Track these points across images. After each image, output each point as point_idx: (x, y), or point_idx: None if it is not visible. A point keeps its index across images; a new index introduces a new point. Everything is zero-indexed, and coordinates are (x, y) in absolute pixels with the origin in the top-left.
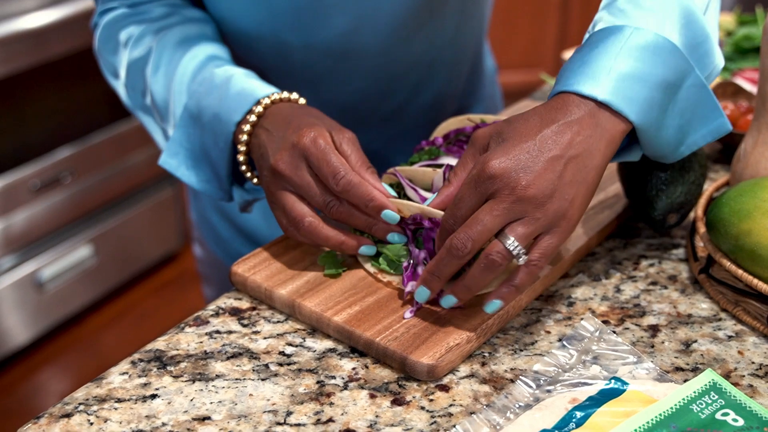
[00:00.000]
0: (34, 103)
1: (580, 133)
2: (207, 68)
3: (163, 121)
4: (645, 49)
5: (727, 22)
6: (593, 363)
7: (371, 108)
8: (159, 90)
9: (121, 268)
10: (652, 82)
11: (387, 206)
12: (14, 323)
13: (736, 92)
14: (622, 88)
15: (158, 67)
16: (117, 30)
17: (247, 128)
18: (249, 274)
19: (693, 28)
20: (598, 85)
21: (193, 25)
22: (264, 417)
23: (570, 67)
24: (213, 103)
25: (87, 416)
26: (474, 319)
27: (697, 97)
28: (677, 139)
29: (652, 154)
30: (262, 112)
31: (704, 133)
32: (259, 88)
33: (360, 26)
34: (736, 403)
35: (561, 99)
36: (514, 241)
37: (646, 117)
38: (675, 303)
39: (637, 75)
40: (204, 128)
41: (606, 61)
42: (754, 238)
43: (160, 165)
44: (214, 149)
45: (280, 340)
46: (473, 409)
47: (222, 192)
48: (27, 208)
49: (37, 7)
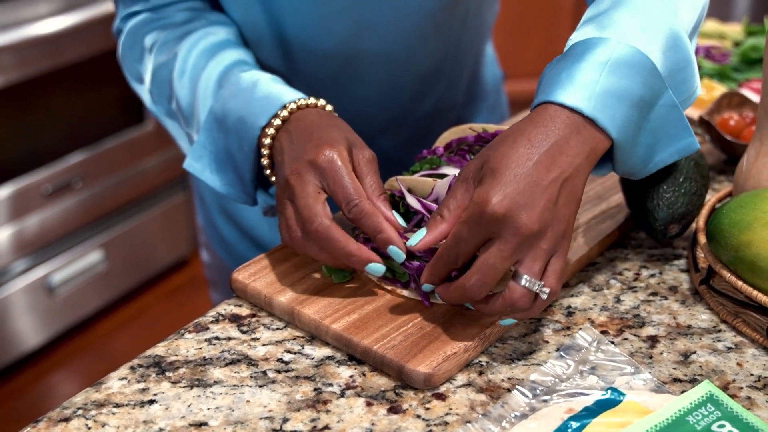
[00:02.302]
0: (47, 109)
1: (569, 153)
2: (233, 72)
3: (188, 126)
4: (629, 66)
5: (735, 32)
6: (590, 373)
7: (372, 116)
8: (184, 94)
9: (132, 273)
10: (631, 100)
11: (394, 242)
12: (25, 327)
13: (742, 103)
14: (607, 105)
15: (184, 72)
16: (141, 36)
17: (271, 132)
18: (249, 281)
19: (678, 52)
20: (584, 99)
21: (217, 29)
22: (260, 423)
23: (555, 77)
24: (238, 107)
25: (85, 420)
26: (472, 328)
27: (669, 116)
28: (646, 157)
29: (621, 171)
30: (287, 116)
31: (672, 152)
32: (285, 92)
33: (362, 33)
34: (733, 415)
35: (546, 112)
36: (531, 280)
37: (624, 135)
38: (675, 314)
39: (620, 92)
40: (228, 131)
41: (592, 75)
42: (754, 249)
43: (185, 168)
44: (238, 153)
45: (278, 347)
46: (469, 418)
47: (246, 196)
48: (39, 213)
49: (50, 13)
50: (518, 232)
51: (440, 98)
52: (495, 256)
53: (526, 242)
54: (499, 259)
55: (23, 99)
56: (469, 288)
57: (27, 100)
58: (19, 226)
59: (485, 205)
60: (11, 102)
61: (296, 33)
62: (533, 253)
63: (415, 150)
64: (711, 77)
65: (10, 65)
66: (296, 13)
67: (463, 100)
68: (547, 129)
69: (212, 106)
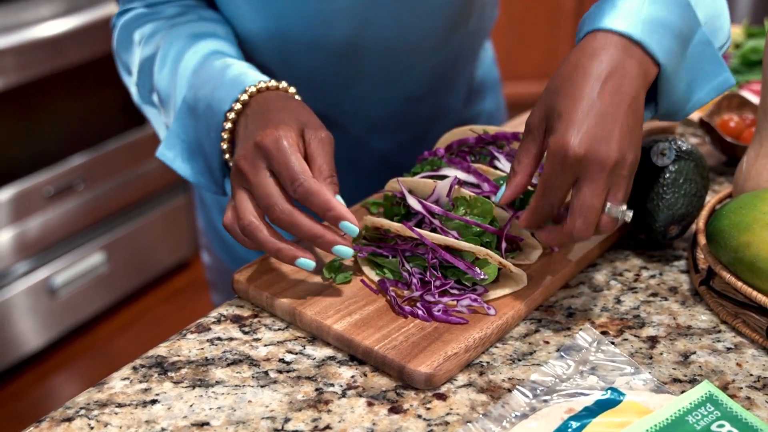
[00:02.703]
0: (49, 111)
1: (627, 76)
2: (208, 61)
3: (166, 116)
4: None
5: (736, 34)
6: (590, 373)
7: (372, 114)
8: (164, 85)
9: (134, 275)
10: (672, 30)
11: (346, 217)
12: (27, 329)
13: (742, 104)
14: (653, 31)
15: (165, 62)
16: (132, 30)
17: (232, 116)
18: (251, 282)
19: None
20: (632, 24)
21: (204, 23)
22: (262, 423)
23: (598, 8)
24: (207, 94)
25: (88, 420)
26: (473, 328)
27: (704, 54)
28: (686, 95)
29: (664, 110)
30: (246, 100)
31: (709, 90)
32: (250, 76)
33: (364, 29)
34: (732, 414)
35: (596, 39)
36: (616, 209)
37: (670, 62)
38: (675, 314)
39: (662, 21)
40: (199, 119)
41: (635, 3)
42: (754, 250)
43: (157, 156)
44: (206, 140)
45: (280, 347)
46: (470, 418)
47: (215, 185)
48: (40, 215)
49: (52, 16)
50: (604, 166)
51: (439, 99)
52: (589, 195)
53: (612, 173)
54: (594, 197)
55: (25, 101)
56: (576, 232)
57: (29, 102)
58: (21, 228)
59: (566, 149)
60: (13, 104)
61: (299, 29)
62: (618, 183)
63: (414, 152)
64: None
65: (11, 68)
66: (299, 9)
67: (463, 101)
68: (600, 57)
69: (185, 94)
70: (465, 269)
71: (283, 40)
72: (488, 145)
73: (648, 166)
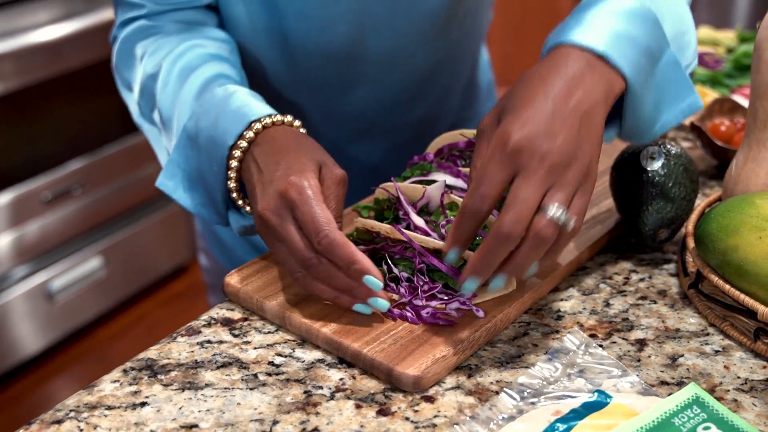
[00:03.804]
0: (47, 116)
1: (584, 88)
2: (210, 87)
3: (168, 139)
4: (635, 15)
5: (729, 39)
6: (578, 376)
7: (370, 118)
8: (166, 107)
9: (131, 279)
10: (640, 46)
11: (370, 271)
12: (25, 333)
13: (733, 109)
14: (619, 45)
15: (167, 83)
16: (134, 44)
17: (238, 154)
18: (241, 285)
19: (680, 18)
20: (596, 37)
21: (208, 42)
22: (250, 426)
23: (565, 23)
24: (208, 125)
25: (77, 423)
26: (461, 331)
27: (672, 74)
28: (653, 116)
29: (629, 130)
30: (253, 138)
31: (676, 112)
32: (253, 108)
33: (364, 35)
34: (719, 417)
35: (558, 53)
36: (557, 210)
37: (636, 77)
38: (663, 317)
39: (630, 37)
40: (200, 150)
41: (601, 20)
42: (741, 253)
43: (157, 186)
44: (209, 173)
45: (269, 350)
46: (457, 420)
47: (218, 217)
48: (38, 220)
49: (50, 21)
50: (543, 160)
51: (437, 102)
52: (524, 187)
53: (552, 171)
54: (530, 190)
55: (23, 106)
56: (505, 226)
57: (27, 107)
58: (19, 233)
59: (507, 138)
60: (11, 109)
61: (299, 34)
62: (559, 182)
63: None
64: (703, 83)
65: (9, 73)
66: (300, 15)
67: (459, 105)
68: (559, 68)
69: (186, 123)
70: (451, 275)
71: (284, 45)
72: None
73: (637, 169)
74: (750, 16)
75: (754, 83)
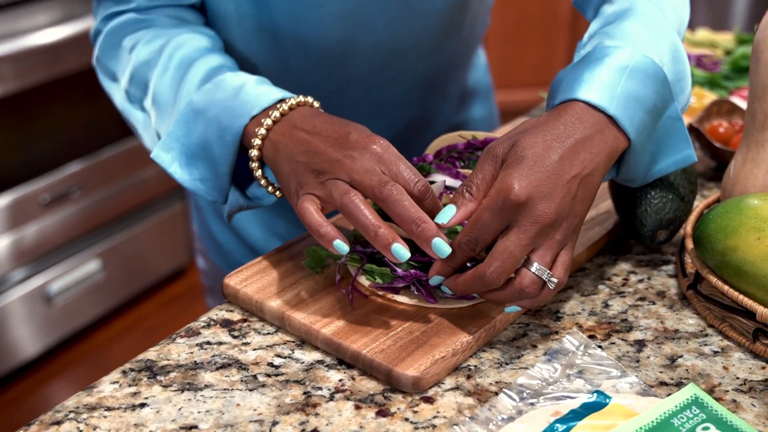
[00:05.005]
0: (45, 118)
1: (591, 151)
2: (221, 71)
3: (161, 121)
4: (645, 74)
5: (727, 41)
6: (577, 377)
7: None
8: (164, 90)
9: (130, 282)
10: (646, 106)
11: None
12: (23, 336)
13: (731, 110)
14: (627, 107)
15: (167, 69)
16: (122, 36)
17: (267, 123)
18: (240, 286)
19: (678, 63)
20: (607, 98)
21: (202, 36)
22: (250, 427)
23: (577, 77)
24: (225, 98)
25: (77, 424)
26: (461, 332)
27: (673, 128)
28: (648, 165)
29: (624, 177)
30: (286, 110)
31: (670, 163)
32: (276, 91)
33: (358, 34)
34: (718, 417)
35: (573, 109)
36: (542, 269)
37: (639, 138)
38: (662, 318)
39: (638, 97)
40: (209, 122)
41: (612, 78)
42: (740, 254)
43: (153, 158)
44: (217, 144)
45: (269, 351)
46: (457, 421)
47: (218, 192)
48: (36, 222)
49: (48, 24)
50: (537, 221)
51: (431, 104)
52: (514, 243)
53: (542, 231)
54: (518, 247)
55: (21, 109)
56: (488, 275)
57: (25, 110)
58: (17, 236)
59: (509, 191)
60: (9, 112)
61: (292, 32)
62: (547, 243)
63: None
64: (702, 85)
65: (8, 75)
66: (292, 13)
67: (454, 107)
68: (574, 125)
69: (192, 98)
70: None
71: (276, 41)
72: (477, 151)
73: None
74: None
75: (752, 85)
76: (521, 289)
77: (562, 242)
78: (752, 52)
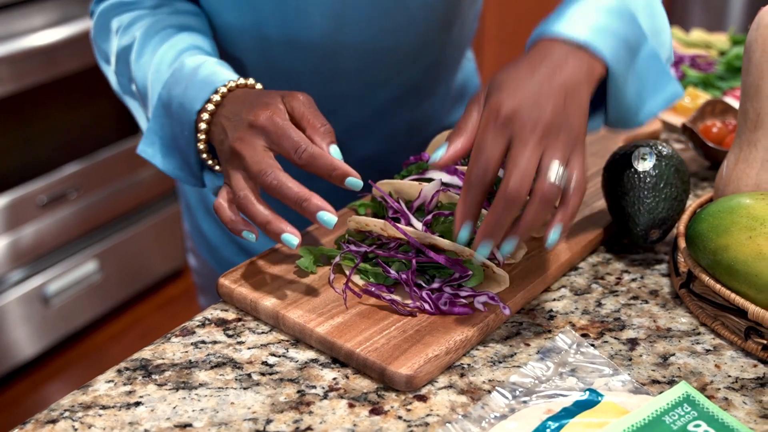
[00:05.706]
0: (42, 120)
1: (568, 70)
2: (182, 57)
3: (146, 109)
4: (613, 11)
5: (721, 42)
6: (570, 375)
7: (352, 115)
8: (140, 76)
9: (127, 283)
10: (620, 38)
11: (351, 173)
12: (20, 337)
13: (725, 110)
14: (599, 36)
15: (141, 55)
16: (110, 18)
17: (206, 117)
18: (235, 285)
19: (654, 18)
20: (577, 28)
21: (181, 16)
22: (244, 425)
23: (547, 19)
24: (179, 93)
25: (72, 422)
26: (454, 331)
27: (652, 66)
28: (636, 104)
29: (615, 118)
30: (219, 100)
31: (659, 101)
32: (220, 75)
33: (342, 27)
34: (709, 415)
35: (542, 44)
36: (557, 170)
37: (617, 64)
38: (655, 317)
39: (609, 29)
40: (173, 117)
41: (582, 14)
42: (732, 253)
43: (138, 153)
44: (181, 138)
45: (263, 350)
46: (450, 419)
47: (194, 179)
48: (34, 224)
49: (45, 25)
50: (536, 125)
51: (419, 105)
52: (520, 152)
53: (545, 136)
54: (526, 153)
55: (18, 110)
56: (509, 192)
57: (22, 111)
58: (14, 237)
59: (499, 108)
60: (7, 113)
61: (275, 24)
62: (553, 145)
63: (397, 156)
64: (696, 85)
65: (5, 77)
66: (277, 7)
67: (444, 108)
68: (544, 55)
69: (160, 92)
70: (450, 265)
71: (261, 36)
72: None
73: (629, 170)
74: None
75: (744, 85)
76: (543, 195)
77: (569, 145)
78: (744, 53)
